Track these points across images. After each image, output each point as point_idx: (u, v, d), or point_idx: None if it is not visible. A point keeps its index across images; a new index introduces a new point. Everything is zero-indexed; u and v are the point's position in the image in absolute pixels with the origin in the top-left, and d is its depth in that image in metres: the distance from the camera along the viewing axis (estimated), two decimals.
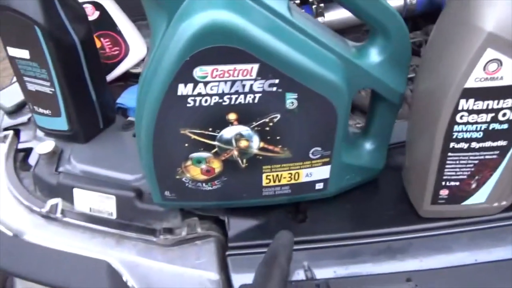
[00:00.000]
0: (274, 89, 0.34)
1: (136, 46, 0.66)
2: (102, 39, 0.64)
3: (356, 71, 0.38)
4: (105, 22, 0.63)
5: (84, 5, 0.58)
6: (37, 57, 0.47)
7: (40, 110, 0.51)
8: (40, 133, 0.55)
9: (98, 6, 0.63)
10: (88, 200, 0.46)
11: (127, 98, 0.59)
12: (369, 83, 0.39)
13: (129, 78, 0.68)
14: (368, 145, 0.45)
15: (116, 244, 0.43)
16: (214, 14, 0.31)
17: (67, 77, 0.48)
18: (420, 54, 0.70)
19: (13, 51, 0.47)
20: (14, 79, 0.68)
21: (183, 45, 0.31)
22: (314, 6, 0.74)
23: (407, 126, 0.42)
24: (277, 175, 0.40)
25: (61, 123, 0.51)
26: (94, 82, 0.52)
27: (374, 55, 0.39)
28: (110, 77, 0.66)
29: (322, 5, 0.74)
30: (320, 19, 0.75)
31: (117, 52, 0.66)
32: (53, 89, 0.49)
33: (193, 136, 0.36)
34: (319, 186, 0.42)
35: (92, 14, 0.63)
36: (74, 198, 0.46)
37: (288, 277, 0.35)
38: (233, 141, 0.37)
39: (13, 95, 0.61)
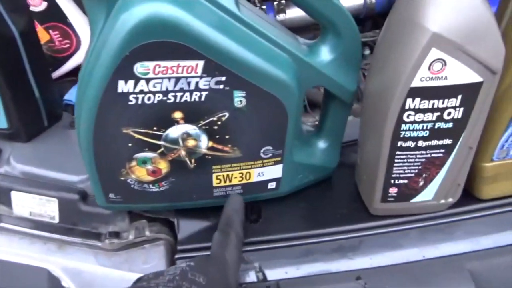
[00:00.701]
0: (221, 86, 0.33)
1: (88, 39, 0.62)
2: (51, 31, 0.60)
3: (306, 69, 0.37)
4: (54, 13, 0.60)
5: None
6: None
7: None
8: None
9: None
10: (28, 204, 0.43)
11: (75, 94, 0.56)
12: (320, 81, 0.39)
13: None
14: (321, 144, 0.45)
15: (58, 250, 0.41)
16: (156, 7, 0.29)
17: (6, 71, 0.45)
18: None
19: None
20: None
21: (122, 39, 0.29)
22: (275, 3, 0.73)
23: (360, 124, 0.42)
24: (228, 175, 0.39)
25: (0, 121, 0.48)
26: (37, 76, 0.49)
27: (325, 53, 0.38)
28: (60, 71, 0.62)
29: (283, 1, 0.74)
30: (281, 15, 0.75)
31: (67, 45, 0.62)
32: None
33: (137, 136, 0.34)
34: (272, 185, 0.42)
35: (40, 5, 0.59)
36: (12, 202, 0.43)
37: (243, 240, 0.36)
38: (180, 141, 0.35)
39: None
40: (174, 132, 0.35)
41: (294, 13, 0.77)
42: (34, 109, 0.49)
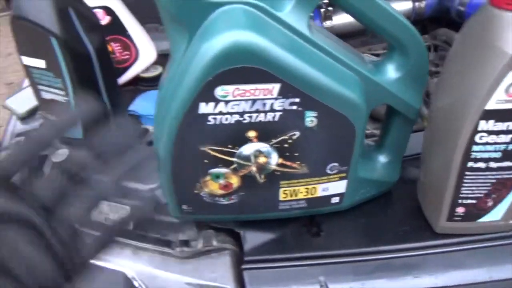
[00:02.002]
0: (295, 107, 0.34)
1: (146, 51, 0.66)
2: (112, 43, 0.64)
3: (373, 87, 0.38)
4: (116, 27, 0.63)
5: (95, 10, 0.58)
6: (52, 66, 0.47)
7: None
8: None
9: (109, 11, 0.63)
10: (104, 210, 0.46)
11: (139, 105, 0.59)
12: (386, 99, 0.39)
13: (138, 82, 0.68)
14: (383, 158, 0.45)
15: (133, 255, 0.44)
16: (237, 35, 0.31)
17: (82, 87, 0.48)
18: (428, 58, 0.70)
19: (28, 61, 0.47)
20: (25, 84, 0.68)
21: (205, 66, 0.31)
22: (322, 10, 0.74)
23: (423, 141, 0.42)
24: (294, 190, 0.40)
25: (76, 131, 0.51)
26: (108, 89, 0.52)
27: (391, 72, 0.39)
28: (120, 81, 0.66)
29: (330, 8, 0.74)
30: (328, 22, 0.75)
31: (127, 56, 0.66)
32: (67, 98, 0.49)
33: (213, 153, 0.36)
34: (335, 200, 0.42)
35: (103, 19, 0.63)
36: None
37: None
38: (252, 158, 0.37)
39: (25, 100, 0.61)
40: (247, 149, 0.36)
41: (341, 19, 0.77)
42: (105, 121, 0.53)
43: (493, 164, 0.36)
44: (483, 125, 0.34)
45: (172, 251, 0.43)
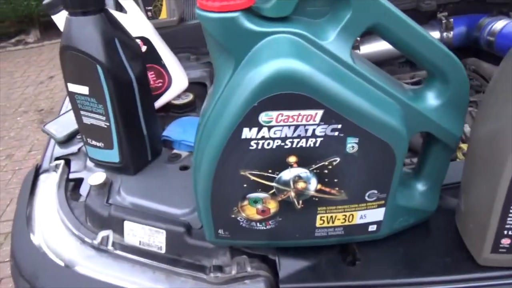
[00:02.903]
0: (336, 133, 0.35)
1: (178, 79, 0.68)
2: (147, 71, 0.66)
3: (414, 115, 0.38)
4: (151, 56, 0.66)
5: None
6: (95, 93, 0.49)
7: (94, 142, 0.53)
8: (89, 164, 0.57)
9: (146, 41, 0.66)
10: (138, 233, 0.47)
11: (173, 131, 0.60)
12: (427, 126, 0.39)
13: (170, 109, 0.70)
14: (421, 186, 0.45)
15: (166, 279, 0.44)
16: (282, 63, 0.32)
17: (122, 112, 0.50)
18: None
19: (73, 87, 0.50)
20: (63, 109, 0.71)
21: (251, 92, 0.32)
22: None
23: (463, 170, 0.41)
24: (332, 217, 0.40)
25: (113, 155, 0.53)
26: (146, 115, 0.54)
27: (431, 99, 0.39)
28: None
29: (358, 38, 0.75)
30: (355, 52, 0.76)
31: (160, 84, 0.68)
32: (108, 123, 0.50)
33: (252, 177, 0.37)
34: (372, 228, 0.42)
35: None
36: (125, 231, 0.47)
37: None
38: (291, 183, 0.37)
39: (64, 125, 0.63)
40: (287, 175, 0.37)
41: (368, 49, 0.79)
42: (142, 145, 0.54)
43: None
44: None
45: (206, 276, 0.42)
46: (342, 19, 0.34)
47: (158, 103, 0.68)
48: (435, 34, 0.77)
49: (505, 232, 0.37)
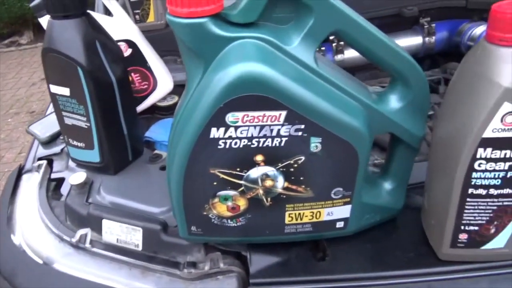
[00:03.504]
0: (300, 133, 0.36)
1: (164, 81, 0.69)
2: (133, 74, 0.68)
3: (377, 116, 0.40)
4: (137, 58, 0.68)
5: (119, 43, 0.62)
6: (76, 94, 0.50)
7: (75, 142, 0.54)
8: (72, 164, 0.58)
9: (131, 44, 0.68)
10: (116, 231, 0.48)
11: (155, 132, 0.62)
12: (389, 127, 0.41)
13: (155, 110, 0.71)
14: (387, 185, 0.46)
15: (142, 276, 0.45)
16: (248, 66, 0.34)
17: (103, 113, 0.51)
18: (438, 91, 0.72)
19: (55, 89, 0.51)
20: (48, 111, 0.72)
21: (218, 93, 0.34)
22: (334, 44, 0.77)
23: (427, 168, 0.43)
24: (300, 214, 0.42)
25: (93, 156, 0.54)
26: (126, 116, 0.55)
27: (394, 102, 0.41)
28: (138, 109, 0.69)
29: (342, 43, 0.77)
30: (340, 56, 0.78)
31: (145, 86, 0.70)
32: (88, 124, 0.52)
33: (222, 176, 0.38)
34: (340, 224, 0.43)
35: (126, 52, 0.67)
36: (103, 229, 0.48)
37: None
38: (259, 181, 0.39)
39: (48, 126, 0.65)
40: (254, 173, 0.38)
41: (352, 53, 0.81)
42: (122, 146, 0.56)
43: (493, 191, 0.37)
44: (481, 152, 0.35)
45: (180, 272, 0.44)
46: (305, 26, 0.35)
47: (144, 105, 0.70)
48: (418, 39, 0.79)
49: (462, 227, 0.39)
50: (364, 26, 0.37)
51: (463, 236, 0.39)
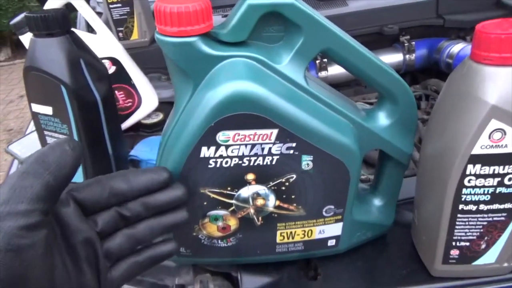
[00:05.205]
0: (291, 152, 0.36)
1: (148, 98, 0.69)
2: (116, 91, 0.67)
3: (366, 134, 0.40)
4: (121, 76, 0.67)
5: (103, 61, 0.62)
6: (59, 113, 0.49)
7: None
8: None
9: (115, 62, 0.67)
10: None
11: (140, 150, 0.61)
12: (378, 144, 0.41)
13: (140, 128, 0.70)
14: (377, 202, 0.46)
15: None
16: (238, 85, 0.34)
17: (87, 133, 0.50)
18: (420, 106, 0.74)
19: (37, 107, 0.50)
20: (28, 130, 0.70)
21: (208, 113, 0.33)
22: (317, 61, 0.78)
23: (416, 186, 0.43)
24: (291, 232, 0.41)
25: (77, 176, 0.52)
26: (111, 136, 0.54)
27: (382, 119, 0.41)
28: (122, 127, 0.68)
29: (325, 60, 0.79)
30: (323, 73, 0.79)
31: (130, 104, 0.69)
32: None
33: (212, 195, 0.38)
34: (331, 242, 0.43)
35: (109, 69, 0.66)
36: None
37: None
38: (250, 200, 0.38)
39: (29, 146, 0.63)
40: (245, 192, 0.38)
41: (335, 70, 0.82)
42: (107, 165, 0.54)
43: (483, 207, 0.37)
44: (471, 169, 0.35)
45: None
46: (295, 44, 0.36)
47: (128, 123, 0.69)
48: (399, 56, 0.81)
49: (454, 243, 0.39)
50: (352, 45, 0.37)
51: (454, 252, 0.40)
